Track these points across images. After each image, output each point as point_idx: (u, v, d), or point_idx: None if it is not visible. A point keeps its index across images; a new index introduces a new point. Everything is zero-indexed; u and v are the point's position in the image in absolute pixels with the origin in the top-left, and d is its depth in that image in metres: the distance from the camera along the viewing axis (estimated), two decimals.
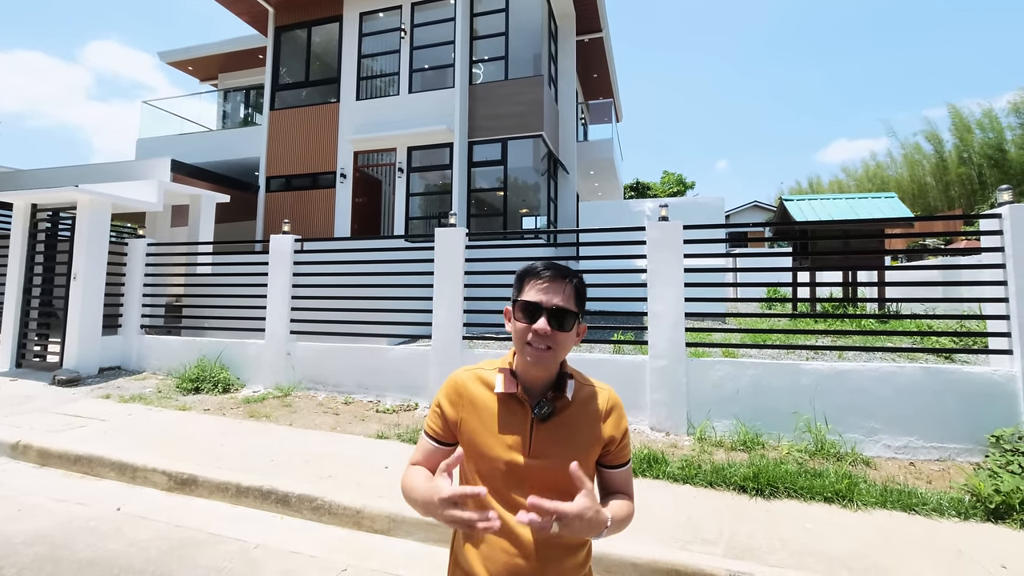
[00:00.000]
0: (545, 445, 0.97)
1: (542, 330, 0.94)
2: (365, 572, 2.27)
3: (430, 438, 1.04)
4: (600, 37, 11.72)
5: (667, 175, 27.80)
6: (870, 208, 6.01)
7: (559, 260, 1.17)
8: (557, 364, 1.00)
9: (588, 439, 1.00)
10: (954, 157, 16.59)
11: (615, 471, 1.05)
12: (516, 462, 0.96)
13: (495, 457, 0.96)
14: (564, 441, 0.98)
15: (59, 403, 4.62)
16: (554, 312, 0.96)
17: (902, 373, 3.54)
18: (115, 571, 2.23)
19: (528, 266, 1.03)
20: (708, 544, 2.34)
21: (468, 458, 1.00)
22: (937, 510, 2.66)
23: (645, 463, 3.17)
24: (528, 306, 0.97)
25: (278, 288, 5.41)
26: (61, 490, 3.06)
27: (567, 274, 1.01)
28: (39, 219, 6.30)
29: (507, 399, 1.00)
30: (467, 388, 1.02)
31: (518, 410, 0.99)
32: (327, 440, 3.75)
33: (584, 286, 1.04)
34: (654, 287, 4.09)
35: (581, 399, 1.03)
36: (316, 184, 9.86)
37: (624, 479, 1.06)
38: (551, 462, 0.96)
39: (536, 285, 0.99)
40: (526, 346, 0.97)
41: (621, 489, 1.06)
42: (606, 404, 1.05)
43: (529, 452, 0.96)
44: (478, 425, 0.99)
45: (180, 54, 13.41)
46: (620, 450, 1.05)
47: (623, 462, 1.06)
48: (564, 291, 0.98)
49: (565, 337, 0.97)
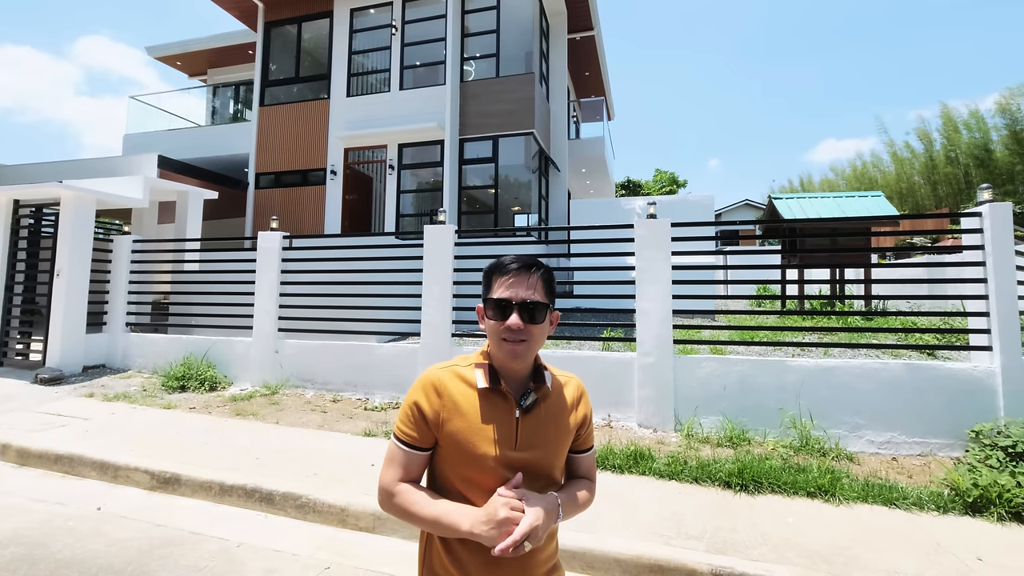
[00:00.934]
0: (531, 436, 0.98)
1: (515, 325, 0.95)
2: (348, 570, 2.26)
3: (407, 446, 0.98)
4: (592, 35, 11.71)
5: (659, 173, 27.90)
6: (857, 207, 6.07)
7: (550, 258, 1.17)
8: (534, 355, 1.02)
9: (567, 427, 1.03)
10: (942, 157, 16.83)
11: (582, 456, 1.10)
12: (505, 456, 0.95)
13: (484, 454, 0.94)
14: (547, 430, 1.00)
15: (41, 402, 4.55)
16: (525, 306, 0.96)
17: (885, 369, 3.58)
18: (94, 571, 2.20)
19: (494, 263, 1.03)
20: (692, 539, 2.36)
21: (449, 459, 0.97)
22: (917, 504, 2.70)
23: (632, 459, 3.19)
24: (498, 303, 0.98)
25: (266, 285, 5.36)
26: (40, 490, 3.01)
27: (533, 265, 1.01)
28: (22, 215, 6.19)
29: (489, 394, 0.98)
30: (445, 386, 0.99)
31: (502, 404, 0.98)
32: (314, 438, 3.73)
33: (552, 275, 1.04)
34: (642, 284, 4.11)
35: (558, 388, 1.06)
36: (306, 181, 9.77)
37: (590, 464, 1.12)
38: (538, 452, 0.98)
39: (504, 281, 0.99)
40: (502, 342, 0.97)
41: (587, 474, 1.12)
42: (576, 392, 1.09)
43: (516, 445, 0.97)
44: (464, 424, 0.96)
45: (169, 49, 13.22)
46: (588, 435, 1.10)
47: (589, 447, 1.11)
48: (532, 283, 0.98)
49: (539, 329, 0.98)
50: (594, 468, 1.13)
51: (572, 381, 1.10)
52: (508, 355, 0.97)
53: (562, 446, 1.02)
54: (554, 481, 1.01)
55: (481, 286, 1.06)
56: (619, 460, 3.18)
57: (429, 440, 0.98)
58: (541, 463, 0.98)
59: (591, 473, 1.12)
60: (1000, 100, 15.41)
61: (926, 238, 10.08)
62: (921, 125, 18.05)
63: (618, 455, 3.23)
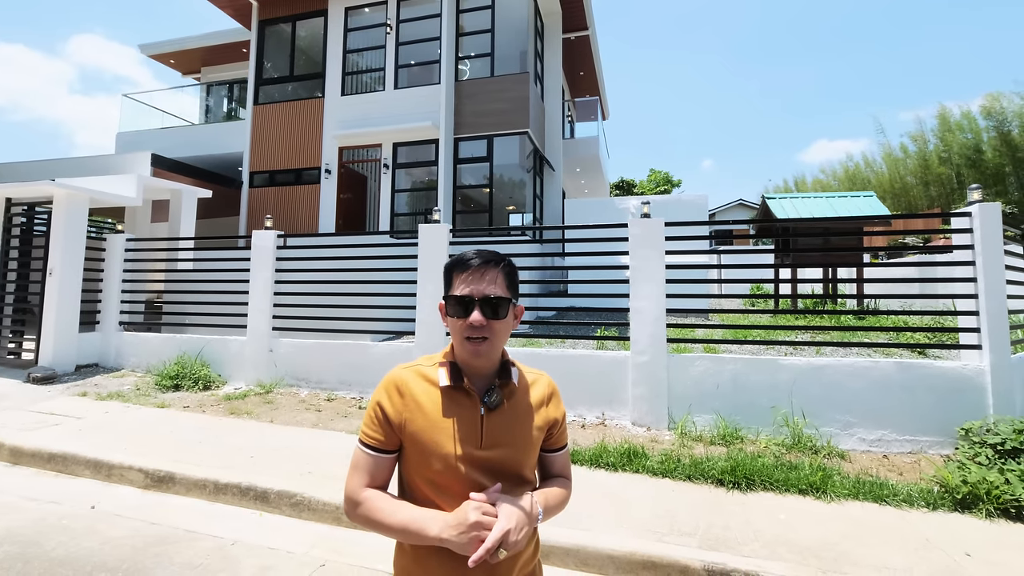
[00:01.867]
0: (497, 434, 0.96)
1: (477, 322, 0.92)
2: (343, 567, 2.26)
3: (372, 449, 0.95)
4: (586, 35, 11.74)
5: (654, 173, 27.97)
6: (849, 207, 6.13)
7: (544, 257, 1.15)
8: (499, 352, 0.99)
9: (536, 424, 1.01)
10: (934, 157, 16.98)
11: (556, 454, 1.08)
12: (470, 455, 0.93)
13: (448, 454, 0.92)
14: (514, 428, 0.97)
15: (34, 401, 4.52)
16: (487, 301, 0.94)
17: (876, 368, 3.62)
18: (88, 569, 2.19)
19: (454, 258, 1.01)
20: (684, 536, 2.38)
21: (414, 461, 0.95)
22: (907, 501, 2.73)
23: (626, 457, 3.21)
24: (459, 300, 0.95)
25: (260, 284, 5.34)
26: (33, 488, 3.00)
27: (494, 259, 0.98)
28: (14, 214, 6.14)
29: (452, 392, 0.96)
30: (408, 386, 0.97)
31: (466, 402, 0.96)
32: (308, 436, 3.73)
33: (514, 269, 1.02)
34: (636, 283, 4.13)
35: (525, 385, 1.04)
36: (300, 180, 9.74)
37: (564, 462, 1.10)
38: (504, 451, 0.95)
39: (464, 277, 0.96)
40: (465, 340, 0.94)
41: (561, 472, 1.09)
42: (546, 389, 1.06)
43: (481, 443, 0.94)
44: (425, 423, 0.94)
45: (162, 47, 13.10)
46: (560, 434, 1.07)
47: (562, 445, 1.09)
48: (493, 278, 0.96)
49: (502, 325, 0.96)
50: (569, 466, 1.11)
51: (542, 378, 1.07)
52: (471, 353, 0.94)
53: (531, 444, 0.99)
54: (525, 480, 0.98)
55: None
56: (613, 458, 3.20)
57: (394, 442, 0.96)
58: (509, 462, 0.95)
59: (566, 471, 1.09)
60: (984, 103, 15.61)
61: (917, 238, 10.18)
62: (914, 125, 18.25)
63: (612, 453, 3.25)
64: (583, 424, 4.01)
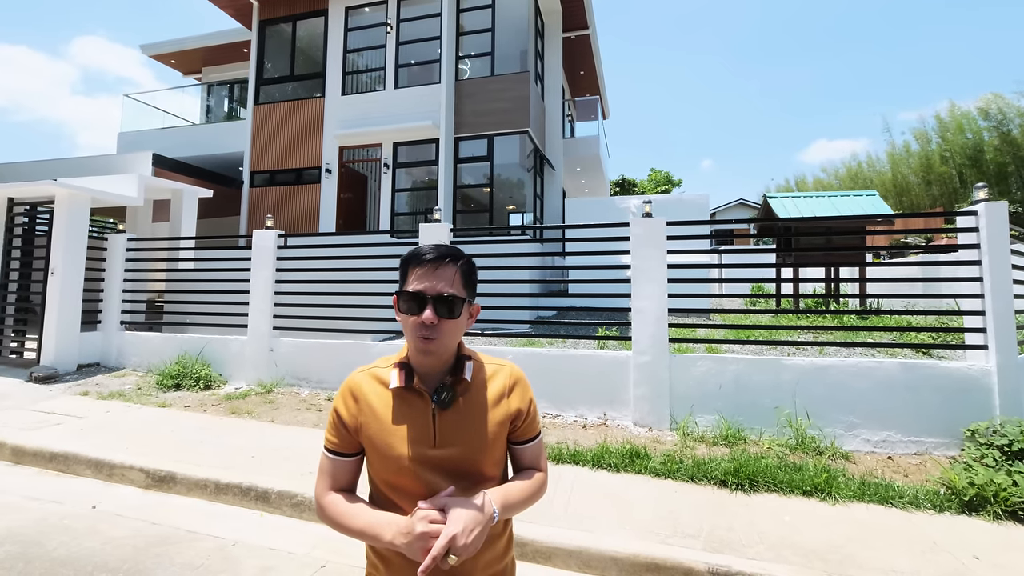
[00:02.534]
0: (451, 432, 0.94)
1: (428, 320, 0.89)
2: (344, 568, 2.25)
3: (333, 454, 0.97)
4: (587, 34, 11.71)
5: (654, 172, 27.91)
6: (852, 206, 6.10)
7: (545, 256, 1.12)
8: (450, 351, 0.96)
9: (495, 419, 0.97)
10: (936, 156, 16.92)
11: (525, 446, 1.03)
12: (423, 456, 0.91)
13: (400, 455, 0.91)
14: (470, 425, 0.95)
15: (35, 400, 4.51)
16: (441, 299, 0.91)
17: (880, 368, 3.59)
18: (89, 569, 2.18)
19: (410, 252, 0.97)
20: (688, 538, 2.36)
21: (373, 463, 0.96)
22: (913, 503, 2.70)
23: (627, 458, 3.19)
24: (412, 296, 0.92)
25: (261, 284, 5.34)
26: (35, 488, 2.99)
27: (450, 255, 0.95)
28: (16, 213, 6.15)
29: (404, 393, 0.95)
30: (361, 390, 0.96)
31: (417, 402, 0.95)
32: (309, 437, 3.71)
33: (473, 267, 0.99)
34: (638, 283, 4.11)
35: (482, 379, 1.00)
36: (301, 179, 9.74)
37: (534, 453, 1.05)
38: (459, 449, 0.93)
39: (419, 273, 0.93)
40: (416, 338, 0.92)
41: (532, 464, 1.04)
42: (508, 380, 1.01)
43: (435, 443, 0.92)
44: (378, 426, 0.93)
45: (163, 47, 13.12)
46: (528, 424, 1.02)
47: (532, 436, 1.04)
48: (450, 276, 0.93)
49: (454, 324, 0.93)
50: (541, 456, 1.06)
51: (503, 370, 1.03)
52: (420, 352, 0.92)
53: (491, 440, 0.95)
54: (486, 478, 0.96)
55: (479, 284, 1.02)
56: (615, 459, 3.18)
57: (353, 446, 0.96)
58: (465, 461, 0.93)
59: (537, 462, 1.05)
60: (980, 104, 15.56)
61: (921, 237, 10.13)
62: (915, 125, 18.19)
63: (614, 454, 3.23)
64: (584, 424, 3.99)
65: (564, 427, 3.95)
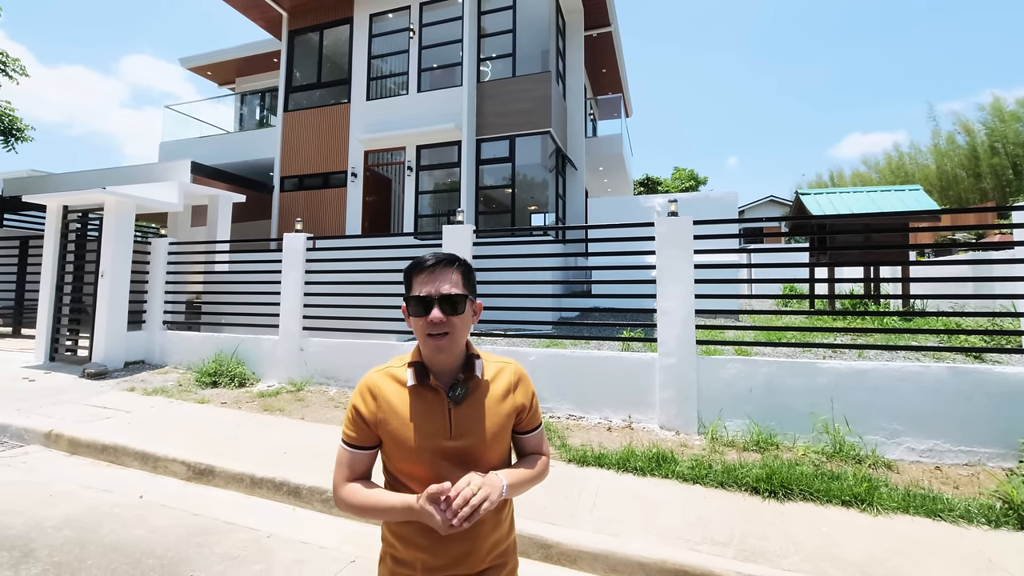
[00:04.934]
0: (465, 425, 1.02)
1: (436, 319, 0.99)
2: (372, 564, 2.29)
3: (351, 446, 1.05)
4: (609, 31, 11.55)
5: (679, 171, 27.30)
6: (893, 201, 5.79)
7: (567, 257, 1.15)
8: (460, 347, 1.05)
9: (503, 412, 1.06)
10: (986, 148, 15.87)
11: (528, 436, 1.14)
12: (440, 446, 1.00)
13: (420, 447, 1.00)
14: (482, 418, 1.04)
15: (87, 395, 4.81)
16: (445, 299, 1.00)
17: (927, 373, 3.40)
18: (137, 556, 2.31)
19: (412, 262, 1.06)
20: (719, 546, 2.29)
21: (390, 455, 1.04)
22: (965, 517, 2.53)
23: (654, 462, 3.13)
24: (419, 300, 1.01)
25: (291, 285, 5.52)
26: (88, 477, 3.19)
27: (448, 259, 1.04)
28: (70, 220, 6.56)
29: (420, 390, 1.03)
30: (380, 388, 1.05)
31: (433, 398, 1.03)
32: (337, 434, 3.79)
33: (470, 268, 1.08)
34: (664, 284, 4.03)
35: (490, 376, 1.09)
36: (328, 183, 10.01)
37: (537, 441, 1.16)
38: (473, 440, 1.02)
39: (422, 278, 1.02)
40: (427, 338, 1.01)
41: (536, 450, 1.15)
42: (513, 376, 1.11)
43: (451, 434, 1.01)
44: (398, 421, 1.01)
45: (199, 60, 13.76)
46: (531, 416, 1.13)
47: (535, 426, 1.15)
48: (450, 277, 1.02)
49: (461, 320, 1.02)
50: (543, 443, 1.17)
51: (508, 367, 1.12)
52: (433, 349, 1.01)
53: (499, 432, 1.05)
54: (493, 466, 1.04)
55: (502, 285, 1.08)
56: (641, 462, 3.12)
57: (371, 439, 1.05)
58: (476, 449, 1.02)
59: (540, 448, 1.15)
60: None
61: (971, 234, 9.51)
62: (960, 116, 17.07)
63: (640, 457, 3.17)
64: (609, 427, 3.95)
65: (588, 429, 3.91)
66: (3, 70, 10.50)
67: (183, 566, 2.24)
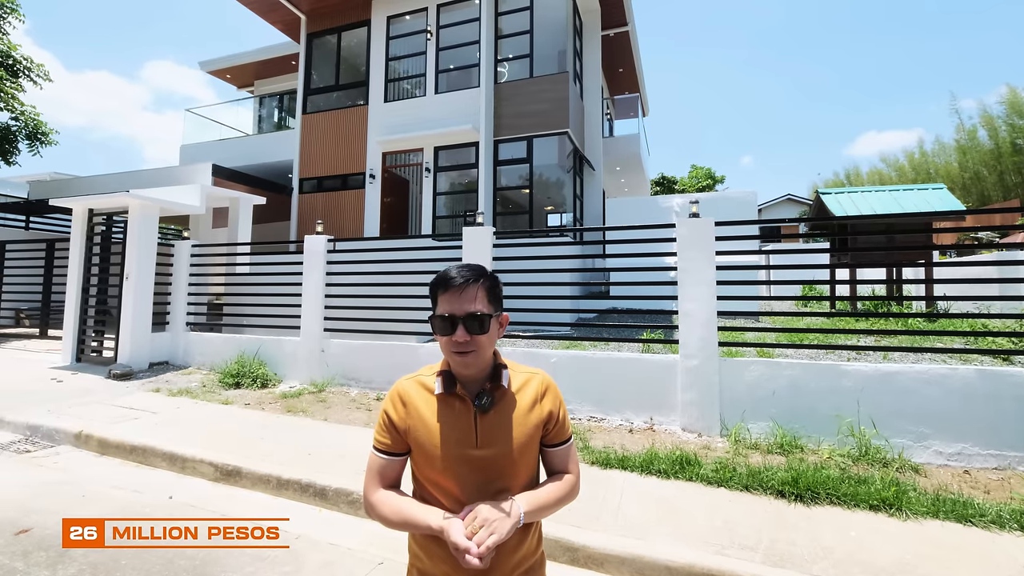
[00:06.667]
0: (491, 434, 1.03)
1: (460, 339, 0.99)
2: (400, 567, 2.31)
3: (382, 453, 1.06)
4: (626, 31, 11.51)
5: (695, 169, 27.06)
6: (917, 201, 5.67)
7: (585, 259, 1.15)
8: (487, 360, 1.06)
9: (530, 422, 1.06)
10: (1008, 144, 15.45)
11: (557, 449, 1.11)
12: (466, 455, 1.01)
13: (447, 455, 1.01)
14: (508, 428, 1.04)
15: (115, 396, 4.93)
16: (469, 318, 1.00)
17: (955, 375, 3.34)
18: (169, 555, 2.37)
19: (437, 277, 1.06)
20: (746, 550, 2.28)
21: (418, 462, 1.05)
22: (996, 522, 2.49)
23: (677, 464, 3.12)
24: (444, 319, 1.02)
25: (312, 287, 5.60)
26: (118, 478, 3.27)
27: (474, 276, 1.03)
28: (95, 223, 6.72)
29: (448, 399, 1.05)
30: (409, 395, 1.07)
31: (460, 407, 1.04)
32: (360, 435, 3.86)
33: (496, 282, 1.07)
34: (685, 285, 4.01)
35: (517, 386, 1.09)
36: (346, 185, 10.11)
37: (564, 456, 1.12)
38: (499, 449, 1.02)
39: (447, 296, 1.02)
40: (453, 354, 1.02)
41: (563, 467, 1.12)
42: (541, 386, 1.11)
43: (477, 443, 1.02)
44: (425, 429, 1.03)
45: (219, 63, 14.00)
46: (559, 428, 1.11)
47: (563, 439, 1.12)
48: (474, 295, 1.02)
49: (486, 338, 1.02)
50: (571, 460, 1.13)
51: (535, 377, 1.12)
52: (460, 365, 1.03)
53: (526, 442, 1.04)
54: (519, 476, 1.04)
55: (521, 287, 1.09)
56: (664, 465, 3.12)
57: (402, 446, 1.06)
58: (503, 459, 1.02)
59: (567, 466, 1.12)
60: None
61: (995, 233, 9.28)
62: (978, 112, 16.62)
63: (663, 460, 3.17)
64: (631, 429, 3.94)
65: (610, 431, 3.91)
66: (28, 75, 10.81)
67: (214, 566, 2.29)
